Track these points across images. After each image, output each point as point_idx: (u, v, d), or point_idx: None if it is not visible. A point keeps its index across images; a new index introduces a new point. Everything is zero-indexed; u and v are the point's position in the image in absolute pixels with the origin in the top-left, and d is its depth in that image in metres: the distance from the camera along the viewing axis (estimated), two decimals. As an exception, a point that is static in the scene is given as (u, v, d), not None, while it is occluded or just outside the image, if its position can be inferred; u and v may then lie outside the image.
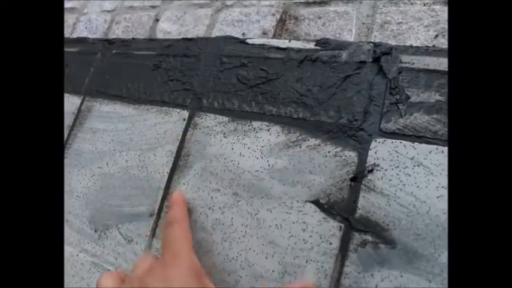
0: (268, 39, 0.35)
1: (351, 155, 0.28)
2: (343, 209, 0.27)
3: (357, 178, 0.27)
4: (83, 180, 0.39)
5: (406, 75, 0.28)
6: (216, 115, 0.34)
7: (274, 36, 0.36)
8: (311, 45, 0.33)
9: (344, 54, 0.31)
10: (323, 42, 0.32)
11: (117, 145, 0.39)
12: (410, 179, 0.25)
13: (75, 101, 0.45)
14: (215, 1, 0.42)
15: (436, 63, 0.27)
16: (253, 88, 0.34)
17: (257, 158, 0.31)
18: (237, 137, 0.32)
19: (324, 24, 0.34)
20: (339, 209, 0.27)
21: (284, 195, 0.29)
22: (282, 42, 0.34)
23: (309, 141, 0.29)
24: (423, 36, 0.30)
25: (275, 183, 0.29)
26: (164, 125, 0.37)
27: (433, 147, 0.25)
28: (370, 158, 0.27)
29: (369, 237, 0.25)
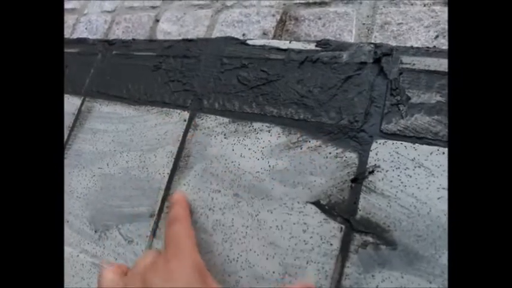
0: (268, 40, 0.35)
1: (352, 156, 0.28)
2: (343, 210, 0.27)
3: (358, 179, 0.27)
4: (83, 181, 0.39)
5: (406, 76, 0.28)
6: (217, 116, 0.34)
7: (274, 37, 0.36)
8: (312, 46, 0.33)
9: (345, 55, 0.31)
10: (323, 43, 0.32)
11: (117, 146, 0.39)
12: (411, 180, 0.25)
13: (75, 101, 0.45)
14: (215, 2, 0.42)
15: (437, 64, 0.27)
16: (254, 89, 0.34)
17: (258, 159, 0.31)
18: (238, 138, 0.32)
19: (324, 25, 0.34)
20: (340, 210, 0.27)
21: (285, 196, 0.29)
22: (282, 43, 0.34)
23: (309, 142, 0.29)
24: (423, 37, 0.30)
25: (276, 184, 0.29)
26: (165, 126, 0.37)
27: (434, 149, 0.25)
28: (371, 159, 0.27)
29: (369, 239, 0.25)
